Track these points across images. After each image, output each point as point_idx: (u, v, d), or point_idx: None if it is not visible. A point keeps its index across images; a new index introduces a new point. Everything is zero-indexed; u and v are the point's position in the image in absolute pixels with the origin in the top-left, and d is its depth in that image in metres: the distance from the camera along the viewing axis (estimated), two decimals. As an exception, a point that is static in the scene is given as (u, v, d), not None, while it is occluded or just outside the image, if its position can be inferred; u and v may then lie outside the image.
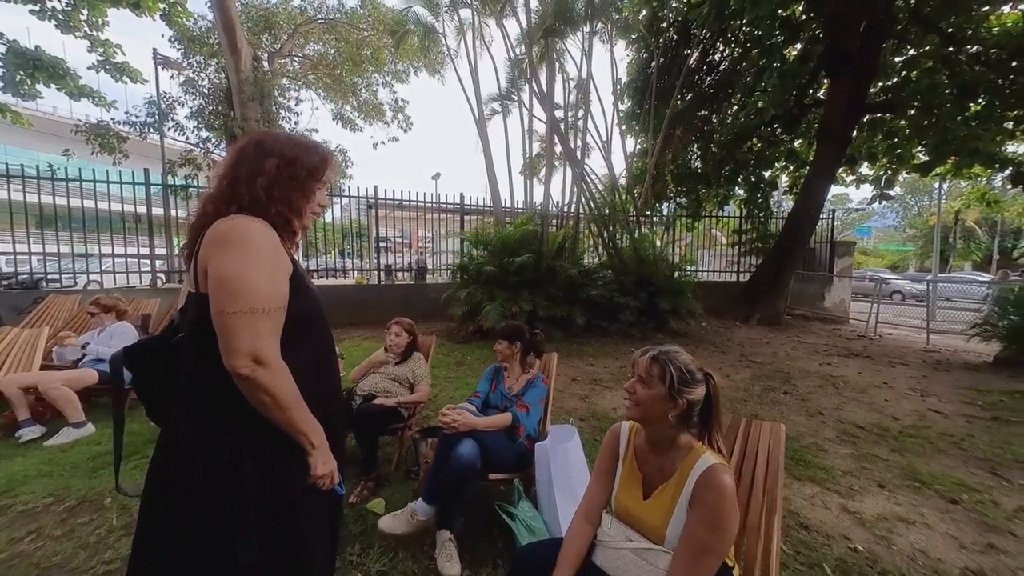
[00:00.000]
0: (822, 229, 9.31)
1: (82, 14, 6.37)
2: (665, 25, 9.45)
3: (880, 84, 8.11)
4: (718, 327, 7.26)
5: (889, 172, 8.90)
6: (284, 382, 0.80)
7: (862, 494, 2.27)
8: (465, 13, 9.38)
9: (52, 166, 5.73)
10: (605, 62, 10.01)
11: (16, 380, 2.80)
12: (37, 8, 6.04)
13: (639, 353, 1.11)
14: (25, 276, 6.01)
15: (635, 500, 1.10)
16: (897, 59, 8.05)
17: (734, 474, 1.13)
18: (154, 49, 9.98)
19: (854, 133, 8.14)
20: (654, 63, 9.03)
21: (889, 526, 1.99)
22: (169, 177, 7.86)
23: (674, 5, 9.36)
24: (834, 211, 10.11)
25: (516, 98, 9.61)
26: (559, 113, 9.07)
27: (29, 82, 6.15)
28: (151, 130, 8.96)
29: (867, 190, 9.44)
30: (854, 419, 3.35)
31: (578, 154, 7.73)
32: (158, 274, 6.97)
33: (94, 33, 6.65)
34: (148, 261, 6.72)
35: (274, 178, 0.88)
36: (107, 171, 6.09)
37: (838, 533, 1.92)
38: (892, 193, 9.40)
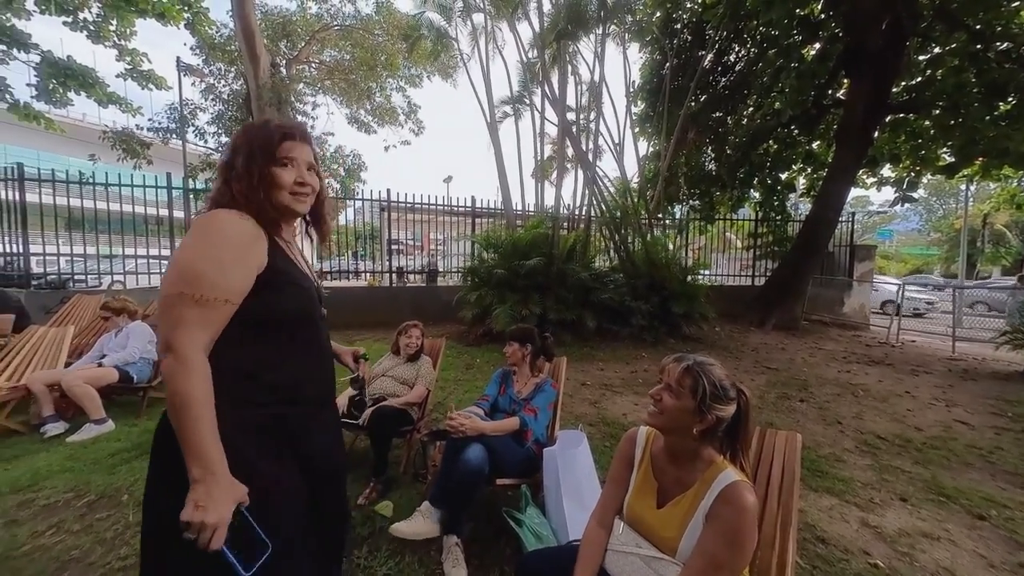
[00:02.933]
0: (841, 232, 9.06)
1: (111, 25, 6.63)
2: (679, 26, 9.36)
3: (903, 83, 7.87)
4: (732, 332, 7.12)
5: (912, 174, 8.61)
6: (186, 381, 0.70)
7: (883, 507, 2.19)
8: (478, 18, 9.47)
9: (81, 172, 5.97)
10: (618, 64, 9.97)
11: (42, 377, 2.91)
12: (70, 20, 6.30)
13: (671, 359, 1.07)
14: (54, 276, 6.25)
15: (648, 509, 1.08)
16: (921, 57, 7.80)
17: (748, 485, 1.10)
18: (178, 57, 10.32)
19: (875, 134, 7.91)
20: (668, 65, 8.95)
21: (912, 542, 1.91)
22: (190, 181, 8.09)
23: (688, 6, 9.27)
24: (854, 214, 9.84)
25: (528, 101, 9.64)
26: (571, 116, 9.07)
27: (61, 90, 6.43)
28: (173, 135, 9.25)
29: (889, 192, 9.17)
30: (874, 429, 3.23)
31: (590, 157, 7.70)
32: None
33: (122, 43, 6.91)
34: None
35: (238, 169, 0.85)
36: (131, 175, 6.30)
37: (857, 548, 1.85)
38: (915, 195, 9.10)
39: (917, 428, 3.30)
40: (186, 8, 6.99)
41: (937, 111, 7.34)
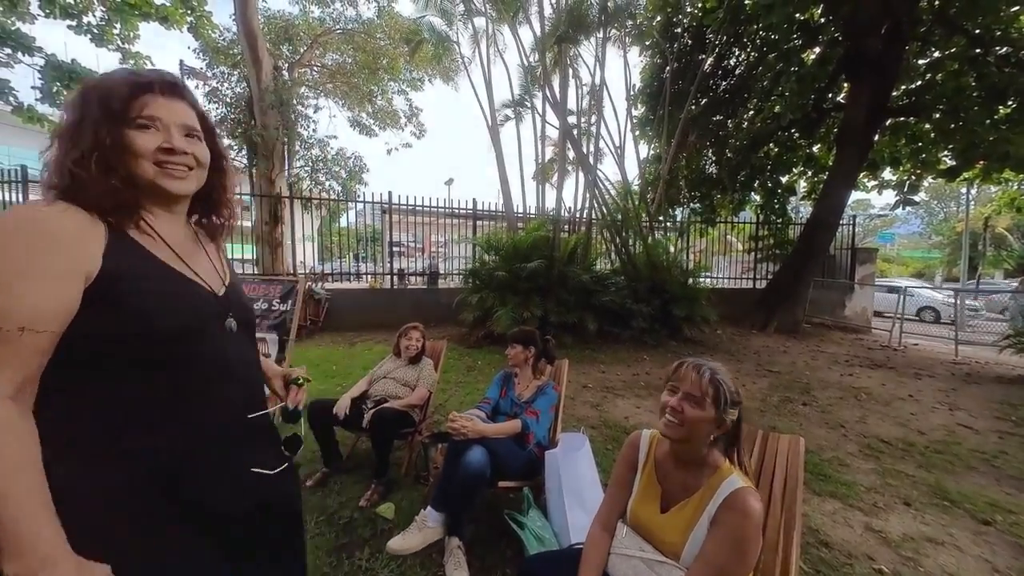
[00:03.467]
0: (842, 235, 9.06)
1: (115, 28, 6.67)
2: (679, 31, 9.41)
3: (903, 87, 7.90)
4: (733, 335, 7.11)
5: (913, 177, 8.63)
6: None
7: (887, 512, 2.18)
8: (479, 22, 9.52)
9: None
10: (619, 68, 10.00)
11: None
12: (74, 24, 6.34)
13: (688, 367, 1.03)
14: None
15: (652, 513, 1.07)
16: (921, 61, 7.83)
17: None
18: (181, 61, 10.37)
19: (876, 137, 7.93)
20: (668, 68, 8.99)
21: (916, 547, 1.90)
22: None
23: (689, 11, 9.32)
24: (855, 217, 9.83)
25: (529, 104, 9.67)
26: (572, 119, 9.09)
27: (65, 93, 6.45)
28: (176, 138, 9.29)
29: (890, 195, 9.18)
30: (878, 433, 3.22)
31: (591, 159, 7.72)
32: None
33: (125, 46, 6.95)
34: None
35: (69, 137, 0.64)
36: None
37: (861, 552, 1.84)
38: (916, 199, 9.11)
39: (920, 432, 3.28)
40: (189, 11, 7.03)
41: (937, 115, 7.37)
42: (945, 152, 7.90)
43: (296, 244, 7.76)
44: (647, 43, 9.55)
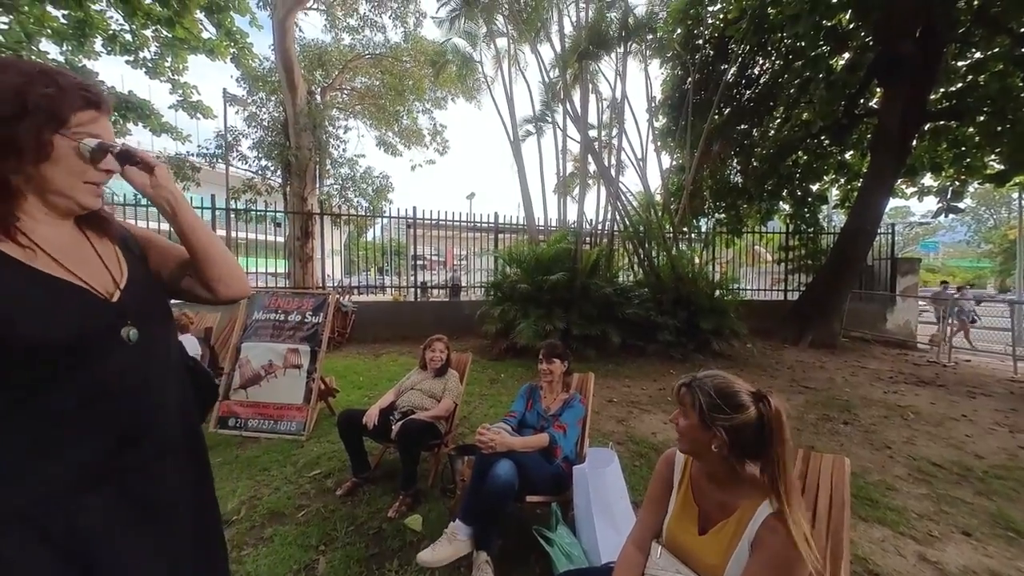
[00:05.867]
0: (880, 245, 8.64)
1: (167, 61, 7.26)
2: (701, 42, 9.38)
3: (942, 90, 7.57)
4: (765, 349, 6.83)
5: (957, 183, 8.18)
6: None
7: (943, 541, 2.02)
8: (501, 42, 9.80)
9: (136, 195, 6.47)
10: (639, 80, 10.04)
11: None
12: (132, 58, 6.95)
13: (681, 382, 1.07)
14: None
15: (689, 534, 1.04)
16: (961, 63, 7.50)
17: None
18: (224, 89, 11.12)
19: (914, 143, 7.59)
20: (690, 79, 8.95)
21: (979, 581, 1.75)
22: (232, 202, 8.60)
23: (710, 22, 9.30)
24: (894, 225, 9.37)
25: (550, 119, 9.80)
26: (593, 132, 9.15)
27: (122, 121, 7.03)
28: (218, 160, 9.91)
29: (931, 203, 8.71)
30: (928, 455, 3.01)
31: (612, 172, 7.72)
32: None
33: (175, 77, 7.54)
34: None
35: None
36: (180, 197, 6.79)
37: (916, 585, 1.72)
38: (961, 205, 8.60)
39: (977, 455, 3.04)
40: (232, 44, 7.57)
41: (982, 117, 7.00)
42: (992, 156, 7.48)
43: (324, 258, 8.06)
44: (668, 55, 9.56)
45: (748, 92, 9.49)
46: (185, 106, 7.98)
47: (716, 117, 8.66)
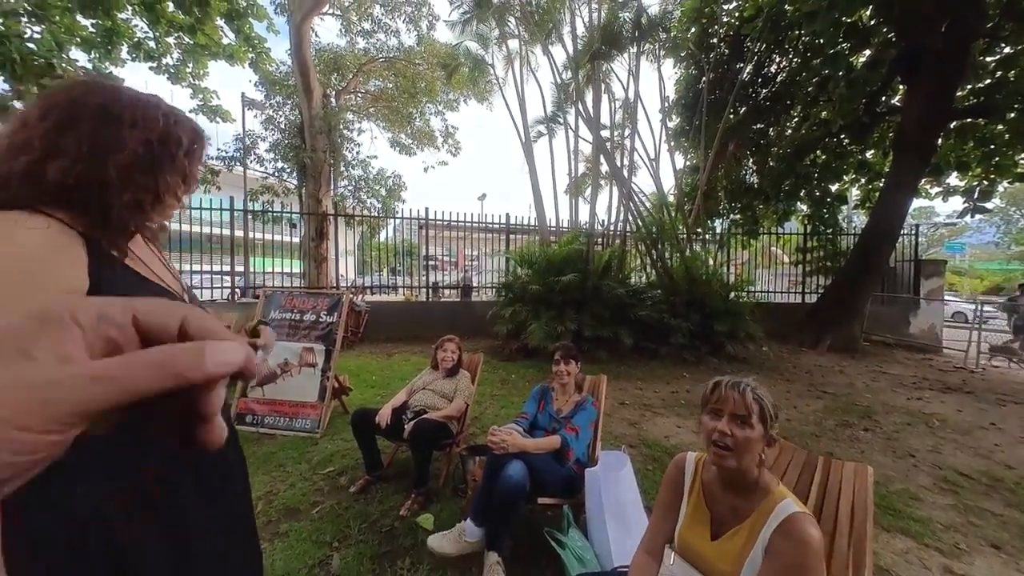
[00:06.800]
0: (903, 246, 8.38)
1: (188, 67, 7.46)
2: (716, 40, 9.25)
3: (969, 87, 7.31)
4: (782, 352, 6.69)
5: (985, 182, 7.89)
6: None
7: (971, 555, 1.94)
8: (512, 44, 9.83)
9: None
10: (652, 80, 9.96)
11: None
12: (155, 65, 7.17)
13: (728, 388, 0.98)
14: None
15: (702, 540, 1.03)
16: (989, 59, 7.23)
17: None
18: (242, 93, 11.40)
19: (939, 141, 7.35)
20: (704, 79, 8.83)
21: (1010, 597, 1.68)
22: (250, 203, 8.80)
23: (725, 20, 9.17)
24: (918, 226, 9.09)
25: (562, 120, 9.78)
26: (605, 133, 9.10)
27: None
28: (237, 163, 10.15)
29: (957, 203, 8.42)
30: (955, 464, 2.90)
31: (625, 172, 7.66)
32: (235, 289, 7.74)
33: (196, 82, 7.75)
34: (228, 278, 7.50)
35: (139, 158, 0.63)
36: (200, 199, 6.97)
37: (942, 599, 1.66)
38: (989, 206, 8.29)
39: (1008, 466, 2.92)
40: (251, 49, 7.75)
41: (1012, 114, 6.74)
42: (1023, 155, 7.19)
43: (338, 259, 8.19)
44: (682, 55, 9.45)
45: (764, 91, 9.32)
46: (205, 110, 8.20)
47: (731, 116, 8.52)
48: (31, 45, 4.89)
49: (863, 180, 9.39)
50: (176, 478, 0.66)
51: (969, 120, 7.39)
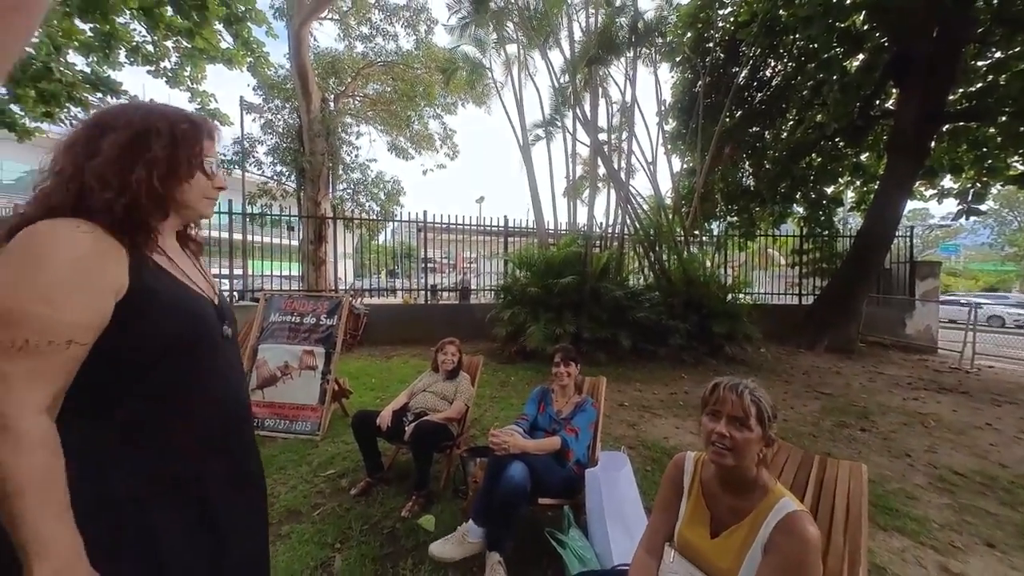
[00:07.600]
0: (898, 248, 8.46)
1: (186, 71, 7.48)
2: (711, 45, 9.34)
3: (960, 91, 7.41)
4: (779, 354, 6.73)
5: (978, 185, 7.98)
6: (17, 460, 0.52)
7: (966, 553, 1.97)
8: (511, 48, 9.89)
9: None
10: (649, 84, 10.03)
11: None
12: (153, 68, 7.18)
13: (726, 390, 1.00)
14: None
15: (701, 538, 1.05)
16: (980, 63, 7.34)
17: (809, 517, 1.05)
18: (241, 96, 11.41)
19: (932, 144, 7.44)
20: (700, 83, 8.91)
21: (1004, 594, 1.71)
22: (248, 207, 8.80)
23: (721, 25, 9.26)
24: (912, 228, 9.17)
25: (559, 124, 9.84)
26: (602, 136, 9.16)
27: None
28: (235, 166, 10.15)
29: (951, 205, 8.51)
30: (950, 464, 2.93)
31: (622, 175, 7.71)
32: (234, 292, 7.73)
33: (194, 86, 7.76)
34: (227, 281, 7.49)
35: (114, 158, 0.65)
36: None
37: (938, 596, 1.68)
38: (983, 208, 8.38)
39: (1002, 465, 2.96)
40: (249, 53, 7.77)
41: (1003, 118, 6.83)
42: (1015, 157, 7.28)
43: (336, 261, 8.19)
44: (678, 59, 9.54)
45: (760, 95, 9.41)
46: (203, 114, 8.21)
47: (727, 120, 8.60)
48: (29, 49, 4.90)
49: (858, 182, 9.48)
50: (208, 469, 0.73)
51: (962, 123, 7.48)
